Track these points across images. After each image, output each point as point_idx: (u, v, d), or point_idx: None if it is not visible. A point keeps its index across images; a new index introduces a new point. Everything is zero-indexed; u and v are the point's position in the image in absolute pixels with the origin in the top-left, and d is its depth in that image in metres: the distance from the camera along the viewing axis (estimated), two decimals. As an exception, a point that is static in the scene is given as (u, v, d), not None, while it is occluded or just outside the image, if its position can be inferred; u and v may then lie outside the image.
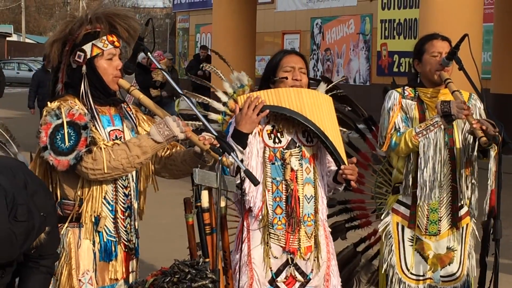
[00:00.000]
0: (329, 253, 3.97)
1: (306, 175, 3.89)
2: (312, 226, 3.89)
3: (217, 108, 4.19)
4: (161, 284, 3.02)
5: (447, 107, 4.14)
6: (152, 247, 6.01)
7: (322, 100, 3.89)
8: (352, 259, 5.06)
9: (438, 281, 4.44)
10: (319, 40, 23.91)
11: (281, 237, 3.86)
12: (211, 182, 3.39)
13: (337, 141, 3.85)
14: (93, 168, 3.35)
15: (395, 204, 4.47)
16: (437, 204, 4.37)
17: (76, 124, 3.36)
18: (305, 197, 3.87)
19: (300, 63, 3.90)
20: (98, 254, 3.51)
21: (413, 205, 4.39)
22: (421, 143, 4.24)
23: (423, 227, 4.40)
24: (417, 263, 4.43)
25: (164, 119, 3.43)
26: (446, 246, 4.43)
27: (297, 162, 3.86)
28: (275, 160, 3.86)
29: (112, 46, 3.51)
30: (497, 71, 16.13)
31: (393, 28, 20.89)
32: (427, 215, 4.39)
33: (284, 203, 3.86)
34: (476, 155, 4.28)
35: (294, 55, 3.93)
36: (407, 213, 4.42)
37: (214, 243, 3.42)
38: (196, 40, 29.84)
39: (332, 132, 3.84)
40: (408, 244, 4.44)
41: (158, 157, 3.70)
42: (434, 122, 4.22)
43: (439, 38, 4.41)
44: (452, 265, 4.45)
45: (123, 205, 3.55)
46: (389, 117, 4.39)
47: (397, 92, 4.43)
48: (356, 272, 4.97)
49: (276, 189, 3.86)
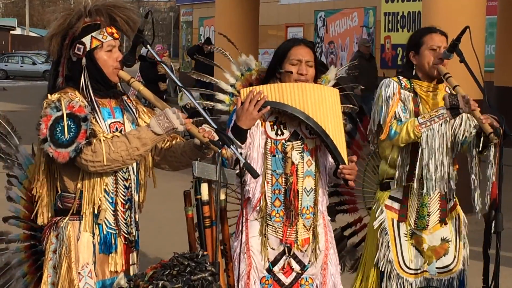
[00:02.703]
0: (327, 242, 3.97)
1: (307, 167, 3.88)
2: (311, 219, 3.89)
3: (224, 89, 4.17)
4: (160, 277, 3.02)
5: (455, 100, 4.11)
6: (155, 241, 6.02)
7: (327, 95, 3.86)
8: (339, 242, 5.05)
9: (434, 273, 4.43)
10: (322, 33, 23.88)
11: (278, 229, 3.87)
12: (211, 174, 3.38)
13: (339, 138, 3.83)
14: (92, 160, 3.34)
15: (388, 200, 4.43)
16: (427, 198, 4.35)
17: (76, 116, 3.36)
18: (304, 189, 3.87)
19: (308, 55, 3.87)
20: (97, 247, 3.50)
21: (404, 198, 4.38)
22: (424, 134, 4.19)
23: (412, 221, 4.39)
24: (414, 257, 4.42)
25: (164, 111, 3.42)
26: (441, 238, 4.43)
27: (298, 155, 3.85)
28: (276, 153, 3.86)
29: (111, 38, 3.50)
30: (500, 63, 16.10)
31: (396, 21, 20.85)
32: (417, 210, 4.37)
33: (283, 196, 3.86)
34: (476, 150, 4.25)
35: (303, 46, 3.89)
36: (397, 207, 4.41)
37: (214, 236, 3.42)
38: (199, 33, 29.82)
39: (334, 128, 3.82)
40: (404, 239, 4.43)
41: (158, 149, 3.70)
42: (440, 114, 4.17)
43: (437, 32, 4.38)
44: (448, 256, 4.44)
45: (123, 197, 3.54)
46: (387, 106, 4.32)
47: (395, 82, 4.37)
48: (342, 257, 4.97)
49: (275, 182, 3.86)
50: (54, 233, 3.50)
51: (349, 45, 22.86)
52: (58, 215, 3.52)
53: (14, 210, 3.96)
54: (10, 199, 3.97)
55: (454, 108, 4.11)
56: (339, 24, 23.18)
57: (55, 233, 3.50)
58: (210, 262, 3.16)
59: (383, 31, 21.31)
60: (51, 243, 3.51)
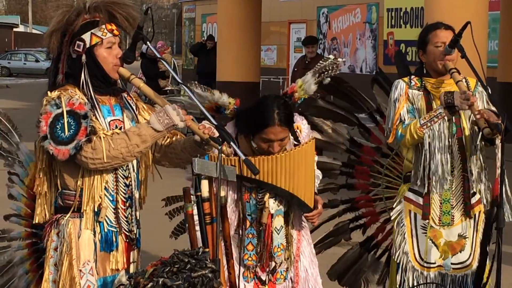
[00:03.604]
0: (300, 235, 3.97)
1: (277, 207, 3.87)
2: (282, 255, 3.89)
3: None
4: (160, 274, 3.01)
5: (450, 98, 4.12)
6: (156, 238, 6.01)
7: (298, 158, 3.79)
8: (358, 260, 5.01)
9: (448, 269, 4.42)
10: (325, 29, 23.88)
11: (251, 269, 3.90)
12: (211, 171, 3.38)
13: (307, 189, 3.82)
14: (92, 158, 3.33)
15: (407, 192, 4.45)
16: (449, 194, 4.35)
17: (76, 114, 3.35)
18: (275, 229, 3.86)
19: (281, 134, 3.75)
20: (98, 245, 3.49)
21: (426, 196, 4.38)
22: (425, 134, 4.22)
23: (437, 218, 4.38)
24: (429, 251, 4.41)
25: (164, 108, 3.41)
26: (458, 234, 4.41)
27: (274, 204, 3.84)
28: (250, 200, 3.86)
29: (111, 35, 3.48)
30: (503, 59, 16.09)
31: (399, 17, 20.85)
32: (440, 206, 4.37)
33: (256, 239, 3.86)
34: (482, 143, 4.26)
35: (277, 127, 3.73)
36: (419, 201, 4.40)
37: (214, 233, 3.41)
38: (202, 30, 29.86)
39: (303, 184, 3.80)
40: (421, 232, 4.42)
41: (158, 146, 3.69)
42: (438, 114, 4.19)
43: (442, 27, 4.37)
44: (464, 252, 4.43)
45: (124, 195, 3.53)
46: (395, 108, 4.36)
47: (404, 82, 4.40)
48: (363, 272, 4.93)
49: (249, 226, 3.87)
50: (55, 231, 3.50)
51: (352, 41, 22.85)
52: (59, 213, 3.51)
53: (15, 208, 3.96)
54: (11, 197, 3.97)
55: (450, 106, 4.12)
56: (342, 20, 23.18)
57: (56, 230, 3.49)
58: (210, 259, 3.15)
59: (386, 27, 21.31)
60: (52, 241, 3.50)
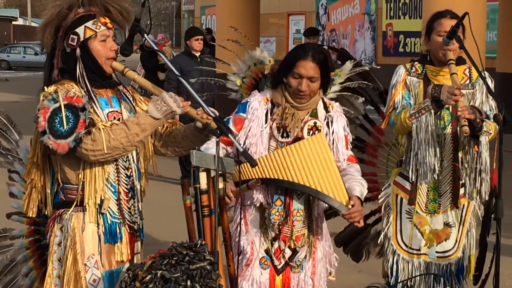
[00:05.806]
0: (318, 228, 4.03)
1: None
2: (301, 221, 3.94)
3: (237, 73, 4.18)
4: (159, 267, 3.02)
5: (437, 91, 4.12)
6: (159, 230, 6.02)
7: (310, 149, 3.82)
8: (362, 231, 5.04)
9: (433, 257, 4.46)
10: (324, 21, 23.83)
11: (276, 226, 3.92)
12: (209, 163, 3.38)
13: (332, 185, 3.82)
14: (93, 149, 3.34)
15: (397, 177, 4.48)
16: (437, 183, 4.36)
17: (74, 107, 3.35)
18: (295, 194, 3.93)
19: (312, 71, 3.80)
20: (103, 237, 3.49)
21: (413, 182, 4.39)
22: (413, 125, 4.24)
23: (423, 204, 4.40)
24: (413, 237, 4.44)
25: (161, 96, 3.42)
26: (444, 222, 4.44)
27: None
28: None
29: (105, 28, 3.48)
30: (502, 50, 16.08)
31: (398, 8, 20.81)
32: (427, 193, 4.39)
33: (283, 196, 3.91)
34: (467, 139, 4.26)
35: (309, 61, 3.80)
36: (406, 186, 4.43)
37: (212, 225, 3.41)
38: (201, 22, 29.79)
39: (325, 178, 3.81)
40: (406, 217, 4.46)
41: (158, 135, 3.70)
42: (425, 106, 4.21)
43: (447, 16, 4.37)
44: (449, 241, 4.46)
45: (125, 186, 3.54)
46: (391, 95, 4.40)
47: (404, 68, 4.42)
48: (366, 244, 4.97)
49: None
50: (58, 226, 3.50)
51: (351, 32, 22.81)
52: (62, 207, 3.50)
53: (16, 206, 3.95)
54: (12, 195, 3.97)
55: (436, 100, 4.13)
56: (341, 12, 23.14)
57: (59, 225, 3.49)
58: (209, 251, 3.15)
59: (384, 19, 21.27)
60: (55, 236, 3.50)
